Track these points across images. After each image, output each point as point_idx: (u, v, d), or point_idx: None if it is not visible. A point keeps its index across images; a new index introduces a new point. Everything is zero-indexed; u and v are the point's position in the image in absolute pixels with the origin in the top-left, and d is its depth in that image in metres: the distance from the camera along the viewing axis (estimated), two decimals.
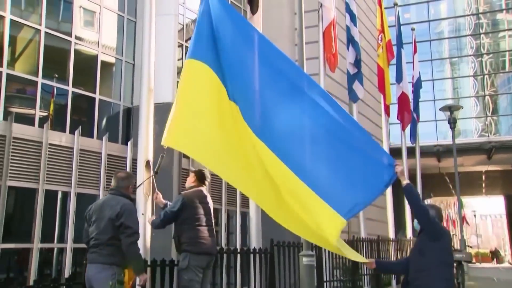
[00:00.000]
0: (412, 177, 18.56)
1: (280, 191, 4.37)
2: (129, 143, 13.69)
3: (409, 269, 4.62)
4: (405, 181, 4.54)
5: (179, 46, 15.78)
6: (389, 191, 14.89)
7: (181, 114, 4.51)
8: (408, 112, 17.58)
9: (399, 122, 18.05)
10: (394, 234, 14.97)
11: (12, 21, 11.80)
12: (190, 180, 5.94)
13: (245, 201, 15.53)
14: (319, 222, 4.29)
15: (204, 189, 5.89)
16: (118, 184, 4.95)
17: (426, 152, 25.16)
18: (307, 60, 7.97)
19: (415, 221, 4.87)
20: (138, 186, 5.77)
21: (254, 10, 6.48)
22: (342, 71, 16.39)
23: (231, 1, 19.19)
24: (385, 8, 17.88)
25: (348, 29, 12.56)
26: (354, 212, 4.47)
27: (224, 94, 4.53)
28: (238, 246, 15.39)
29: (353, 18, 12.49)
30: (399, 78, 16.95)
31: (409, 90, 18.23)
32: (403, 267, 4.78)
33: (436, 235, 4.55)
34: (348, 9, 12.43)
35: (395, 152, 18.98)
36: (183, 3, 16.72)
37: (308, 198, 4.32)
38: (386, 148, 15.71)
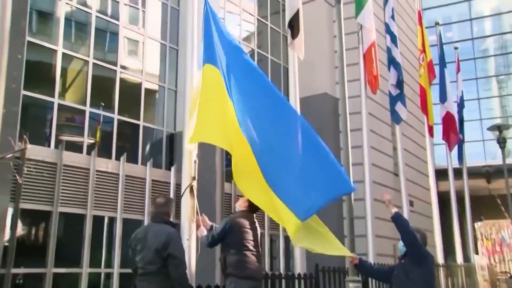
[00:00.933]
0: (460, 199, 17.94)
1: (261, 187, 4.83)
2: (172, 168, 13.92)
3: None
4: (393, 210, 5.12)
5: None
6: (436, 214, 14.45)
7: (202, 112, 5.09)
8: (454, 132, 17.11)
9: (444, 143, 17.58)
10: (444, 259, 14.42)
11: (63, 54, 12.37)
12: (242, 204, 5.87)
13: None
14: (281, 219, 4.74)
15: (254, 214, 5.85)
16: (158, 211, 4.94)
17: (475, 173, 24.28)
18: (348, 82, 7.94)
19: (400, 243, 5.33)
20: (183, 193, 5.79)
21: (294, 35, 6.53)
22: (384, 93, 16.21)
23: (270, 27, 19.45)
24: (426, 27, 17.66)
25: (389, 50, 12.45)
26: (308, 215, 4.71)
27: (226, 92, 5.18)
28: (282, 271, 15.21)
29: (393, 39, 12.39)
30: (443, 98, 16.59)
31: (454, 110, 17.79)
32: (383, 275, 5.39)
33: (420, 259, 5.13)
34: (389, 31, 12.35)
35: (441, 174, 18.47)
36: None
37: (272, 196, 4.76)
38: (431, 169, 15.29)
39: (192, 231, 5.80)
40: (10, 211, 10.20)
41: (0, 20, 3.68)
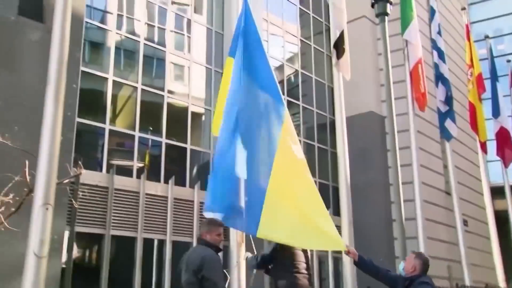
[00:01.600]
0: None
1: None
2: None
3: None
4: (356, 258, 5.04)
5: None
6: (493, 234, 13.83)
7: (220, 104, 5.46)
8: (509, 147, 16.42)
9: (499, 159, 16.89)
10: (505, 282, 13.71)
11: (114, 81, 12.84)
12: None
13: None
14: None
15: None
16: (201, 232, 5.02)
17: None
18: (395, 100, 7.82)
19: (400, 265, 5.14)
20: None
21: (340, 56, 6.51)
22: (432, 110, 15.83)
23: (314, 47, 19.49)
24: (475, 41, 17.19)
25: (436, 67, 12.18)
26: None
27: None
28: None
29: (441, 55, 12.12)
30: (495, 113, 15.98)
31: (508, 124, 17.09)
32: (386, 280, 5.11)
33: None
34: (436, 46, 12.10)
35: (497, 191, 17.71)
36: (267, 52, 17.23)
37: None
38: (485, 187, 14.69)
39: (241, 254, 5.79)
40: (66, 234, 10.55)
41: (59, 52, 3.87)
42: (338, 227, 5.44)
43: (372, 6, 6.09)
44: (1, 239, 6.47)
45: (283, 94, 17.74)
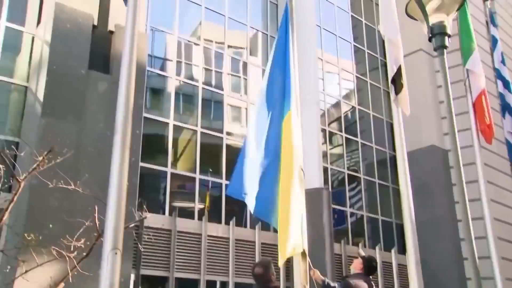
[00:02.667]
0: None
1: None
2: None
3: None
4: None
5: (322, 131, 16.13)
6: None
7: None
8: None
9: None
10: None
11: (174, 125, 13.27)
12: (357, 266, 5.63)
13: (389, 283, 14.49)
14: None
15: (370, 277, 5.57)
16: (258, 282, 4.97)
17: None
18: (459, 132, 7.55)
19: None
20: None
21: (398, 91, 6.40)
22: (500, 141, 15.13)
23: (370, 83, 19.36)
24: None
25: (502, 97, 11.70)
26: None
27: None
28: None
29: (506, 84, 11.64)
30: None
31: None
32: None
33: None
34: (500, 76, 11.66)
35: None
36: (323, 90, 17.30)
37: None
38: None
39: None
40: (132, 277, 10.75)
41: (125, 101, 4.06)
42: (404, 266, 5.23)
43: (430, 40, 5.98)
44: (74, 282, 6.69)
45: (341, 131, 17.60)
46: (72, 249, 6.48)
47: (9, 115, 11.24)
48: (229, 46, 15.65)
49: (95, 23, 11.66)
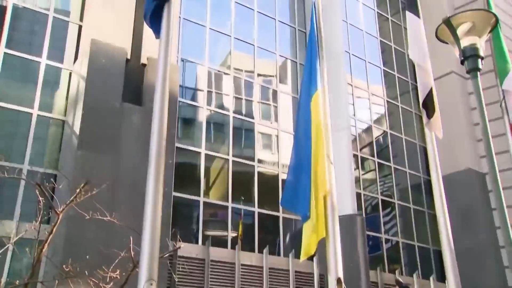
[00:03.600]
0: None
1: None
2: (314, 258, 13.70)
3: None
4: None
5: (353, 156, 15.99)
6: None
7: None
8: None
9: None
10: None
11: (206, 155, 13.40)
12: None
13: None
14: None
15: None
16: None
17: None
18: (496, 155, 7.35)
19: None
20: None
21: (430, 114, 6.33)
22: None
23: (401, 107, 19.16)
24: None
25: None
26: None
27: None
28: None
29: None
30: None
31: None
32: None
33: None
34: None
35: None
36: (354, 115, 17.22)
37: None
38: None
39: None
40: None
41: (158, 132, 4.14)
42: None
43: (462, 63, 5.91)
44: None
45: (373, 156, 17.40)
46: (108, 280, 6.55)
47: (47, 149, 11.59)
48: (258, 75, 15.83)
49: (128, 57, 12.02)
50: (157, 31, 4.45)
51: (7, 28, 11.57)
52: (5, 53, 11.35)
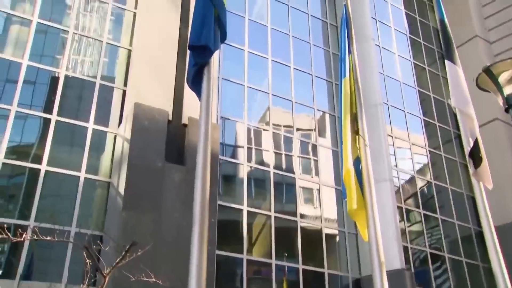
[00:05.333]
0: None
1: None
2: None
3: None
4: None
5: (398, 208, 15.57)
6: None
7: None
8: None
9: None
10: None
11: (248, 212, 13.37)
12: None
13: None
14: None
15: None
16: None
17: None
18: None
19: None
20: None
21: (477, 164, 6.17)
22: None
23: (444, 156, 18.73)
24: None
25: None
26: None
27: None
28: None
29: None
30: None
31: None
32: None
33: None
34: None
35: None
36: (395, 166, 16.92)
37: None
38: None
39: None
40: None
41: (201, 192, 4.19)
42: None
43: (507, 111, 5.78)
44: None
45: (418, 207, 16.90)
46: None
47: (94, 210, 11.86)
48: (297, 129, 15.94)
49: (170, 118, 12.40)
50: (198, 93, 4.60)
51: (59, 97, 12.21)
52: (56, 120, 11.93)
